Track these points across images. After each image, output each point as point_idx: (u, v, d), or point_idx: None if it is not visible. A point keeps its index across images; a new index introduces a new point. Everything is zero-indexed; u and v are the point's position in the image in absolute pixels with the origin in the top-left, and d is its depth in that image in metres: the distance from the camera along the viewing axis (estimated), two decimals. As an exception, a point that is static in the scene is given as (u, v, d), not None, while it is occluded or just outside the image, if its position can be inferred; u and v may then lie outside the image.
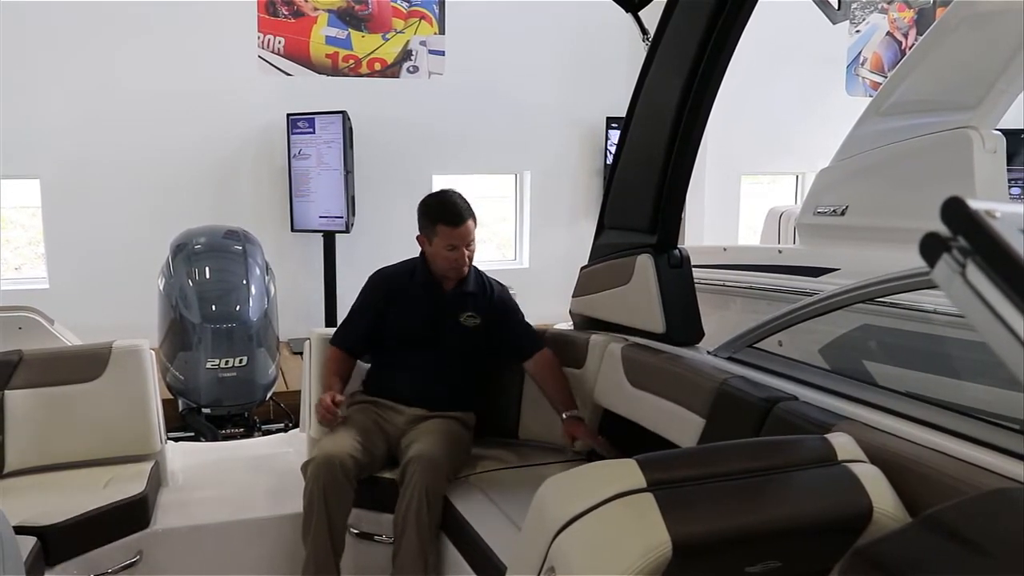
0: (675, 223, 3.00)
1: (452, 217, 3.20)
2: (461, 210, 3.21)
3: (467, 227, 3.21)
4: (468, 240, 3.22)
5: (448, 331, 3.31)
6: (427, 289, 3.33)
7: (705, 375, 2.66)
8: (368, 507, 3.16)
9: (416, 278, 3.34)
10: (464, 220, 3.20)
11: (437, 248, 3.24)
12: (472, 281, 3.36)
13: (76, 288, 6.45)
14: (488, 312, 3.35)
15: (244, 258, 4.65)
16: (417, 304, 3.33)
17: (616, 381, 3.12)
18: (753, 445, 1.85)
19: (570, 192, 7.80)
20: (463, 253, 3.21)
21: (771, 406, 2.34)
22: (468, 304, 3.33)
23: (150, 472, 3.23)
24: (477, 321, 3.33)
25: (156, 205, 6.53)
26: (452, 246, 3.21)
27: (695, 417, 2.60)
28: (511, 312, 3.44)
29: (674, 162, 2.88)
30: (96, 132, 6.51)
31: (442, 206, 3.25)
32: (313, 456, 3.04)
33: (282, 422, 5.08)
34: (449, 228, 3.20)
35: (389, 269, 3.46)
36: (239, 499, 3.38)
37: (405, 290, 3.34)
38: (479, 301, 3.35)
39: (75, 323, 5.91)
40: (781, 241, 5.51)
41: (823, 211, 3.73)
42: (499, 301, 3.40)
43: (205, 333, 4.38)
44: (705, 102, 2.75)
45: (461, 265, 3.24)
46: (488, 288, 3.40)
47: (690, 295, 3.01)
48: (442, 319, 3.31)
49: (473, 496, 3.04)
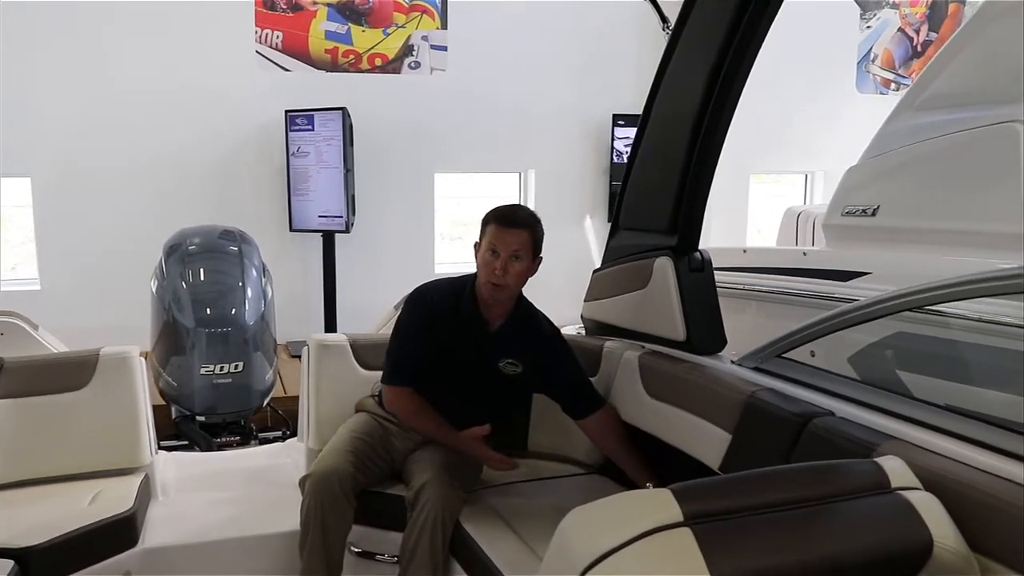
0: (696, 224, 2.82)
1: (504, 217, 2.83)
2: (518, 214, 2.87)
3: (517, 234, 2.80)
4: (513, 249, 2.79)
5: (482, 376, 2.96)
6: (470, 325, 2.92)
7: (731, 387, 2.49)
8: (371, 523, 3.00)
9: (462, 307, 2.92)
10: (517, 224, 2.82)
11: (481, 252, 2.84)
12: (520, 318, 2.97)
13: (68, 290, 6.32)
14: (533, 358, 2.96)
15: (240, 259, 4.49)
16: (456, 339, 2.93)
17: (632, 391, 2.95)
18: (799, 471, 1.67)
19: (576, 191, 7.66)
20: (504, 262, 2.77)
21: (806, 422, 2.18)
22: (511, 348, 2.94)
23: (139, 486, 3.07)
24: (518, 370, 2.95)
25: (151, 204, 6.40)
26: (494, 250, 2.79)
27: (720, 432, 2.44)
28: (562, 360, 3.01)
29: (697, 158, 2.70)
30: (89, 129, 6.37)
31: (502, 207, 2.90)
32: (311, 471, 2.86)
33: (280, 430, 4.91)
34: (496, 227, 2.82)
35: (434, 288, 3.02)
36: (234, 515, 3.21)
37: (448, 319, 2.92)
38: (523, 344, 2.95)
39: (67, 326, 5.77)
40: (799, 243, 5.34)
41: (852, 211, 3.54)
42: (546, 345, 3.00)
43: (199, 337, 4.22)
44: (733, 93, 2.57)
45: (496, 275, 2.79)
46: (538, 330, 3.00)
47: (712, 300, 2.84)
48: (479, 364, 2.94)
49: (483, 514, 2.87)
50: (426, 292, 2.99)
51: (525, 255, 2.83)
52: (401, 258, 6.64)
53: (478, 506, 2.91)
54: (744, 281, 3.79)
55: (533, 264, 2.87)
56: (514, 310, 2.96)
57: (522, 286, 2.91)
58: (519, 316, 2.97)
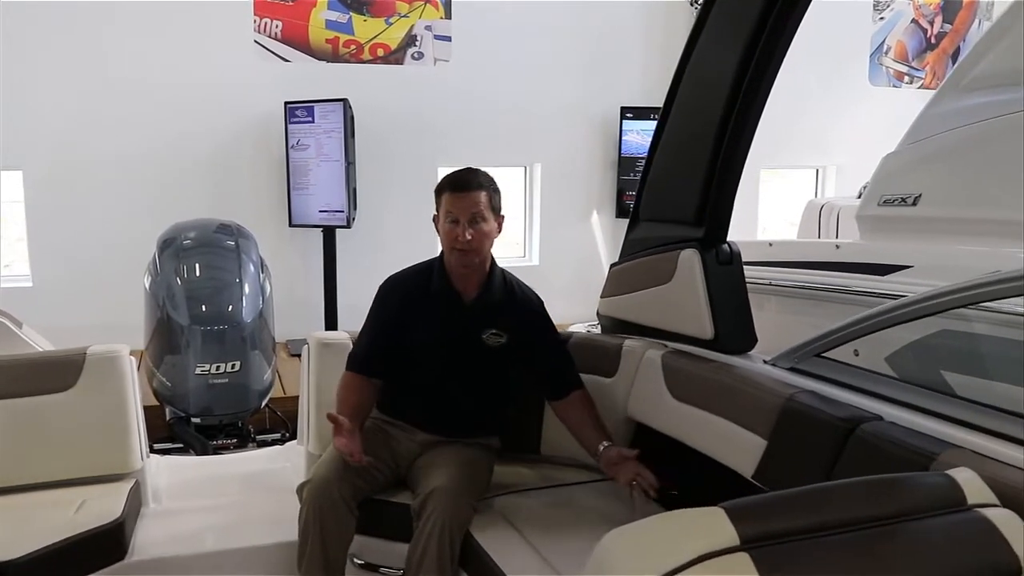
0: (726, 214, 2.64)
1: (456, 183, 2.73)
2: (470, 177, 2.75)
3: (472, 196, 2.70)
4: (471, 212, 2.69)
5: (467, 352, 2.85)
6: (445, 300, 2.84)
7: (766, 389, 2.31)
8: (375, 534, 2.81)
9: (433, 285, 2.85)
10: (472, 187, 2.71)
11: (441, 223, 2.76)
12: (498, 288, 2.85)
13: (61, 286, 6.14)
14: (518, 330, 2.86)
15: (237, 254, 4.30)
16: (432, 318, 2.84)
17: (655, 393, 2.77)
18: (865, 486, 1.49)
19: (583, 185, 7.49)
20: (464, 228, 2.68)
21: (852, 427, 2.01)
22: (494, 319, 2.84)
23: (129, 493, 2.89)
24: (503, 340, 2.84)
25: (146, 198, 6.23)
26: (452, 218, 2.70)
27: (754, 438, 2.27)
28: (546, 336, 2.94)
29: (728, 144, 2.53)
30: (83, 122, 6.19)
31: (453, 173, 2.79)
32: (309, 478, 2.69)
33: (279, 432, 4.72)
34: (451, 195, 2.72)
35: (403, 274, 2.95)
36: (229, 524, 3.04)
37: (420, 300, 2.85)
38: (507, 315, 2.85)
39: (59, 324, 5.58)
40: (822, 236, 5.15)
41: (890, 200, 3.34)
42: (532, 318, 2.91)
43: (194, 336, 4.03)
44: (768, 73, 2.40)
45: (460, 241, 2.69)
46: (519, 299, 2.90)
47: (742, 296, 2.66)
48: (461, 338, 2.84)
49: (494, 525, 2.69)
50: (393, 280, 2.94)
51: (486, 216, 2.73)
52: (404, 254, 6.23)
53: (489, 514, 2.74)
54: (771, 276, 3.59)
55: (496, 224, 2.79)
56: (489, 279, 2.85)
57: (490, 248, 2.81)
58: (495, 285, 2.86)
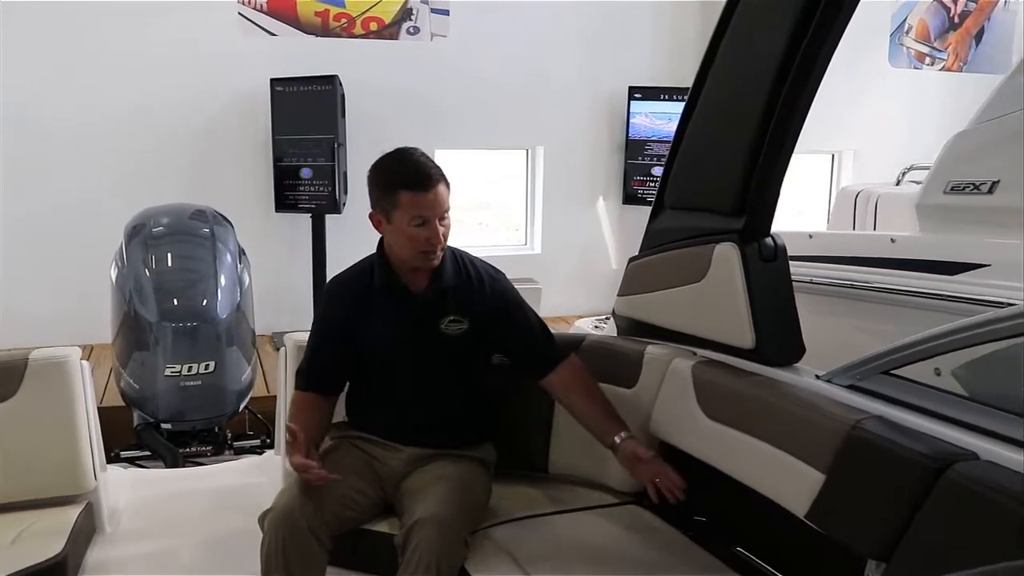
0: (771, 203, 2.28)
1: (418, 178, 2.37)
2: (429, 169, 2.40)
3: (439, 192, 2.39)
4: (442, 211, 2.40)
5: (428, 347, 2.54)
6: (390, 294, 2.53)
7: (825, 412, 1.94)
8: (354, 567, 2.45)
9: (376, 284, 2.53)
10: (434, 182, 2.38)
11: (399, 226, 2.40)
12: (449, 271, 2.53)
13: (20, 274, 5.79)
14: (479, 312, 2.54)
15: (212, 243, 3.92)
16: (381, 318, 2.54)
17: (684, 409, 2.40)
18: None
19: (588, 170, 7.16)
20: (436, 229, 2.39)
21: (943, 467, 1.63)
22: (449, 305, 2.52)
23: (76, 520, 2.53)
24: (464, 326, 2.53)
25: (119, 182, 5.87)
26: (421, 219, 2.37)
27: (808, 471, 1.91)
28: (513, 311, 2.61)
29: (778, 120, 2.16)
30: (51, 98, 5.83)
31: (403, 166, 2.42)
32: (272, 506, 2.33)
33: (259, 437, 4.34)
34: (414, 194, 2.36)
35: (344, 275, 2.66)
36: (194, 554, 2.70)
37: (365, 300, 2.55)
38: (464, 298, 2.54)
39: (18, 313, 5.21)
40: (857, 227, 4.77)
41: (960, 187, 2.95)
42: (494, 296, 2.58)
43: (164, 333, 3.65)
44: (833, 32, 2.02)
45: (435, 246, 2.41)
46: (474, 278, 2.57)
47: (788, 298, 2.30)
48: (416, 332, 2.53)
49: (493, 558, 2.32)
50: (334, 284, 2.67)
51: (449, 207, 2.45)
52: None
53: (487, 547, 2.37)
54: (811, 272, 3.21)
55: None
56: (439, 266, 2.51)
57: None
58: (445, 267, 2.53)
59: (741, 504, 2.32)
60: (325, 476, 2.27)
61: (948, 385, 1.92)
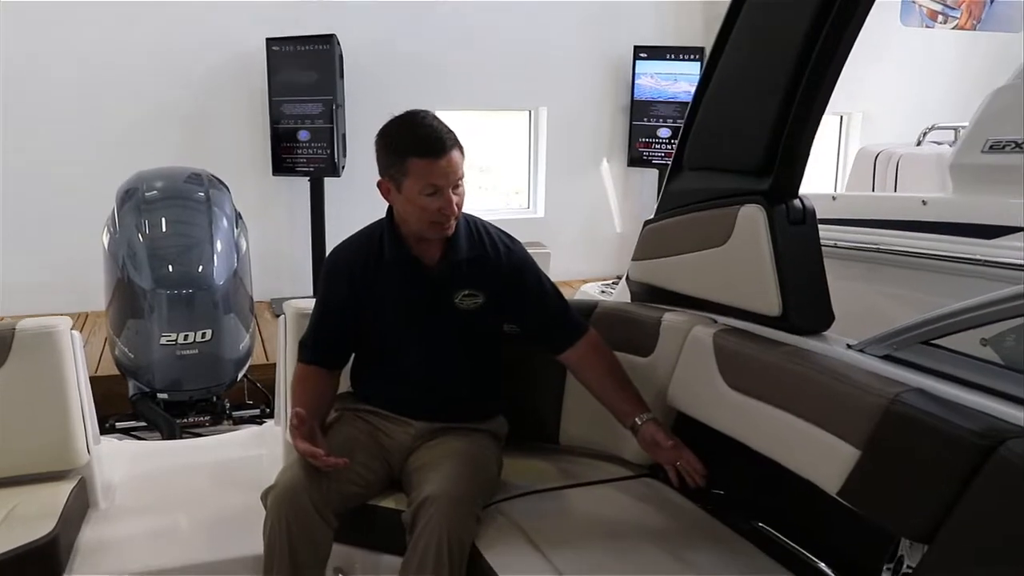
0: (800, 163, 2.14)
1: (430, 144, 2.21)
2: (442, 134, 2.23)
3: (452, 158, 2.22)
4: (456, 179, 2.24)
5: (441, 323, 2.41)
6: (403, 267, 2.38)
7: (861, 384, 1.82)
8: (363, 544, 2.37)
9: (386, 254, 2.39)
10: (448, 148, 2.22)
11: (410, 195, 2.25)
12: (464, 242, 2.38)
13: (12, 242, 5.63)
14: (496, 285, 2.41)
15: (208, 207, 3.80)
16: (392, 292, 2.40)
17: (705, 380, 2.28)
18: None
19: (592, 131, 7.04)
20: (449, 199, 2.24)
21: (994, 445, 1.52)
22: (463, 278, 2.39)
23: (69, 496, 2.43)
24: (479, 301, 2.40)
25: (111, 145, 5.72)
26: (433, 188, 2.22)
27: (842, 446, 1.79)
28: (530, 282, 2.46)
29: (811, 74, 2.03)
30: (40, 61, 5.67)
31: (414, 130, 2.24)
32: (275, 483, 2.22)
33: (259, 407, 4.24)
34: (426, 161, 2.20)
35: (348, 244, 2.50)
36: (193, 531, 2.58)
37: (372, 272, 2.40)
38: (480, 270, 2.40)
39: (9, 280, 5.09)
40: (876, 189, 4.64)
41: (1000, 145, 2.80)
42: (510, 266, 2.43)
43: (158, 301, 3.54)
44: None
45: (449, 216, 2.27)
46: (491, 248, 2.42)
47: (817, 263, 2.17)
48: (429, 307, 2.40)
49: (505, 535, 2.22)
50: (337, 258, 2.49)
51: (463, 175, 2.29)
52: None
53: (499, 523, 2.26)
54: (836, 236, 3.07)
55: None
56: (452, 236, 2.36)
57: None
58: (460, 238, 2.37)
59: (761, 478, 2.23)
60: (334, 462, 2.16)
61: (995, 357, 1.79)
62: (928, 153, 4.69)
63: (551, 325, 2.47)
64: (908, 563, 1.76)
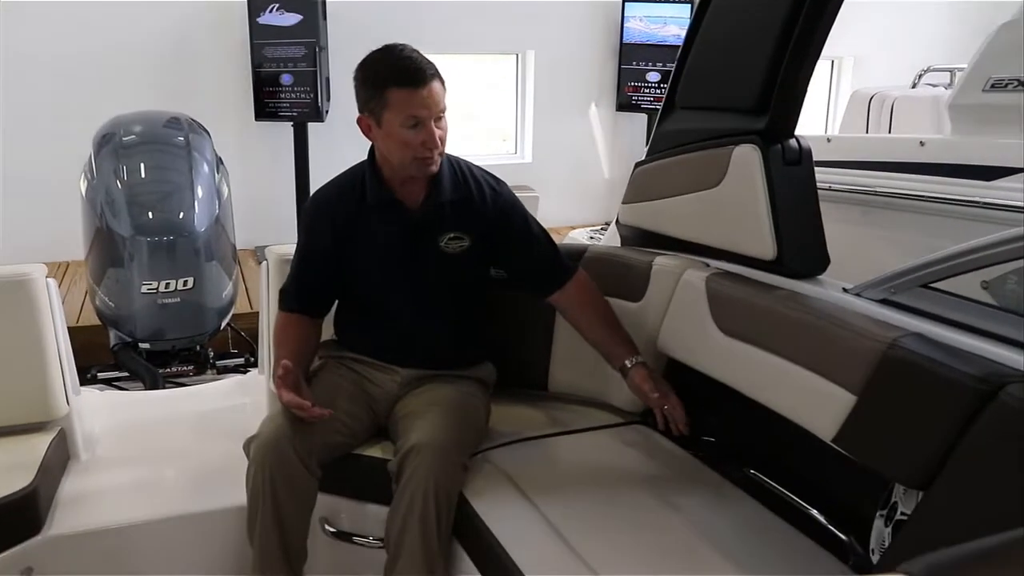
0: (797, 101, 2.08)
1: (409, 74, 2.13)
2: (422, 64, 2.15)
3: (433, 89, 2.14)
4: (438, 110, 2.16)
5: (424, 266, 2.35)
6: (383, 210, 2.31)
7: (857, 329, 1.78)
8: (349, 495, 2.34)
9: (368, 196, 2.32)
10: (428, 77, 2.13)
11: (391, 129, 2.17)
12: (448, 183, 2.31)
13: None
14: (482, 227, 2.35)
15: (188, 152, 3.72)
16: (373, 234, 2.33)
17: (697, 325, 2.24)
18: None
19: (580, 76, 6.94)
20: (432, 131, 2.16)
21: (994, 389, 1.48)
22: (448, 220, 2.32)
23: (48, 448, 2.38)
24: (465, 244, 2.33)
25: (87, 89, 5.59)
26: (415, 119, 2.14)
27: (838, 392, 1.76)
28: (518, 224, 2.40)
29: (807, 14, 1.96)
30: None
31: (392, 61, 2.17)
32: (258, 432, 2.18)
33: (243, 356, 4.18)
34: (406, 91, 2.12)
35: (328, 188, 2.43)
36: (176, 481, 2.56)
37: (354, 215, 2.34)
38: (465, 213, 2.33)
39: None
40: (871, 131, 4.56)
41: (1003, 84, 2.72)
42: (496, 208, 2.36)
43: (138, 248, 3.47)
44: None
45: (432, 149, 2.18)
46: (476, 189, 2.36)
47: (812, 204, 2.12)
48: (413, 251, 2.34)
49: (493, 483, 2.19)
50: (319, 202, 2.43)
51: (445, 108, 2.20)
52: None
53: (487, 472, 2.24)
54: (831, 179, 3.00)
55: None
56: (436, 177, 2.30)
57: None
58: (444, 179, 2.31)
59: (753, 425, 2.20)
60: (319, 413, 2.11)
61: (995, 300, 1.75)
62: (924, 95, 4.61)
63: (539, 269, 2.42)
64: (902, 509, 1.74)
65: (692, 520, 2.00)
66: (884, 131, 4.45)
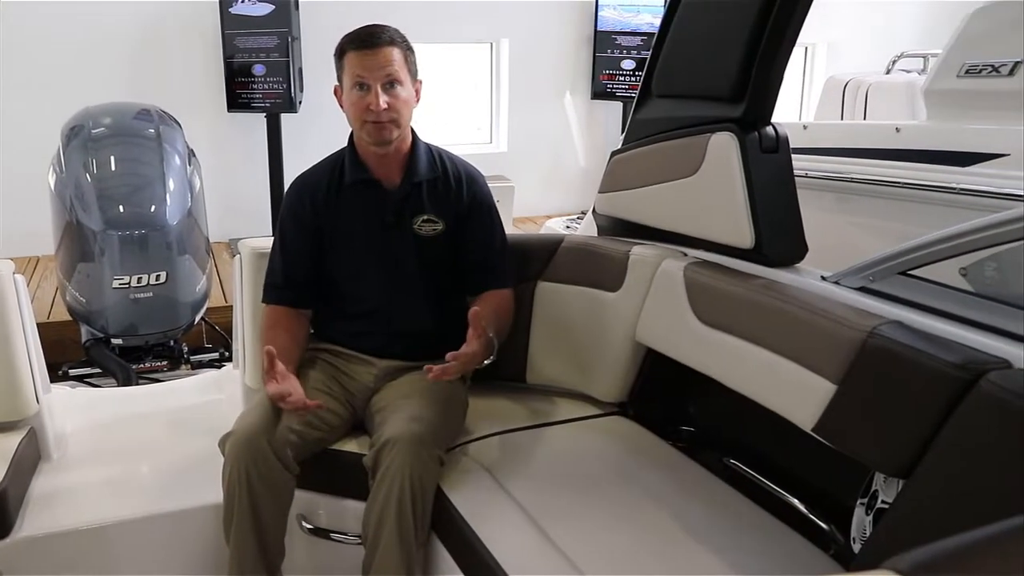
0: (773, 89, 2.06)
1: (361, 38, 2.21)
2: (378, 29, 2.23)
3: (383, 53, 2.19)
4: (385, 73, 2.19)
5: (400, 248, 2.35)
6: (362, 190, 2.34)
7: (836, 317, 1.76)
8: (326, 490, 2.30)
9: (346, 177, 2.34)
10: (380, 41, 2.20)
11: (347, 95, 2.25)
12: (423, 163, 2.35)
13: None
14: (454, 213, 2.37)
15: (159, 144, 3.66)
16: (349, 214, 2.35)
17: (675, 315, 2.22)
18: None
19: (554, 64, 6.92)
20: (376, 95, 2.18)
21: (974, 377, 1.47)
22: (423, 203, 2.35)
23: (18, 448, 2.32)
24: (439, 228, 2.35)
25: (55, 80, 5.49)
26: (361, 83, 2.19)
27: (818, 381, 1.74)
28: (483, 220, 2.43)
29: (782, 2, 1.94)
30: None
31: (353, 31, 2.26)
32: (233, 429, 2.14)
33: (217, 350, 4.13)
34: (358, 53, 2.20)
35: (309, 174, 2.45)
36: (150, 480, 2.51)
37: (333, 197, 2.36)
38: (441, 197, 2.36)
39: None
40: (846, 117, 4.56)
41: (977, 70, 2.71)
42: (471, 200, 2.40)
43: (109, 242, 3.42)
44: None
45: (377, 113, 2.19)
46: (453, 175, 2.39)
47: (790, 193, 2.10)
48: (387, 232, 2.34)
49: (472, 477, 2.17)
50: (300, 186, 2.43)
51: (402, 78, 2.23)
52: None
53: (465, 465, 2.22)
54: (807, 166, 2.99)
55: (415, 90, 2.31)
56: (412, 157, 2.36)
57: (409, 119, 2.31)
58: (421, 162, 2.35)
59: (733, 414, 2.19)
60: (305, 404, 2.09)
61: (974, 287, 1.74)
62: (899, 81, 4.62)
63: (481, 269, 2.42)
64: (883, 498, 1.73)
65: (672, 510, 1.99)
66: (859, 117, 4.45)
